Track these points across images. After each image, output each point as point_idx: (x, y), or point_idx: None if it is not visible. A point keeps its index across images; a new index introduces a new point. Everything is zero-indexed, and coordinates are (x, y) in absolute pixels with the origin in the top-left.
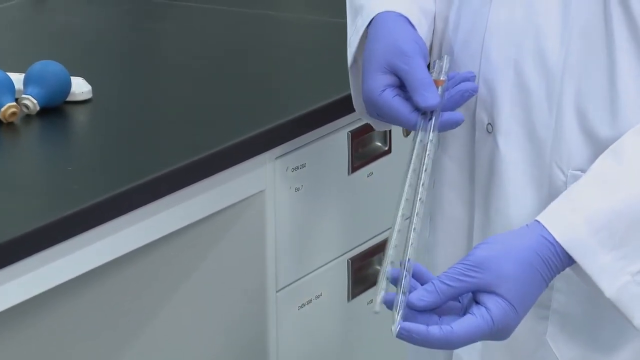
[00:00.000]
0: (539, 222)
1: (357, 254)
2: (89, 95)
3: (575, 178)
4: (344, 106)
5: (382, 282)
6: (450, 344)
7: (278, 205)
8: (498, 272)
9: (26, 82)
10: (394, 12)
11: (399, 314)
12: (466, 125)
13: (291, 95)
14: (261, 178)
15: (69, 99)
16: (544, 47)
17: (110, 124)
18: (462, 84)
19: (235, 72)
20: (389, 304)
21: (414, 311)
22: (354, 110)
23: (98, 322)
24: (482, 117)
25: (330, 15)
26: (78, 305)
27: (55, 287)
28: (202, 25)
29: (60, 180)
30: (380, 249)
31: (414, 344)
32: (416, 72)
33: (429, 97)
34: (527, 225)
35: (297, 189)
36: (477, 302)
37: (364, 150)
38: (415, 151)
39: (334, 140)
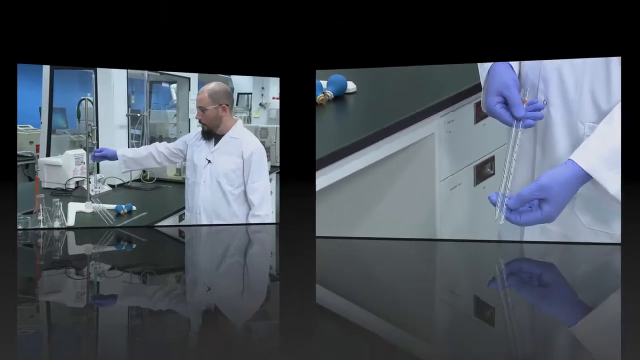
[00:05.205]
0: (573, 160)
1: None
2: (353, 91)
3: (590, 127)
4: None
5: (499, 204)
6: (520, 224)
7: (440, 144)
8: (552, 193)
9: (328, 83)
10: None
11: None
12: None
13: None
14: (432, 127)
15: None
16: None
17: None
18: (536, 112)
19: None
20: (493, 202)
21: (509, 210)
22: None
23: None
24: (541, 97)
25: None
26: None
27: None
28: None
29: None
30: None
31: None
32: (514, 97)
33: (520, 111)
34: (567, 163)
35: (449, 132)
36: (539, 205)
37: None
38: (512, 139)
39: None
